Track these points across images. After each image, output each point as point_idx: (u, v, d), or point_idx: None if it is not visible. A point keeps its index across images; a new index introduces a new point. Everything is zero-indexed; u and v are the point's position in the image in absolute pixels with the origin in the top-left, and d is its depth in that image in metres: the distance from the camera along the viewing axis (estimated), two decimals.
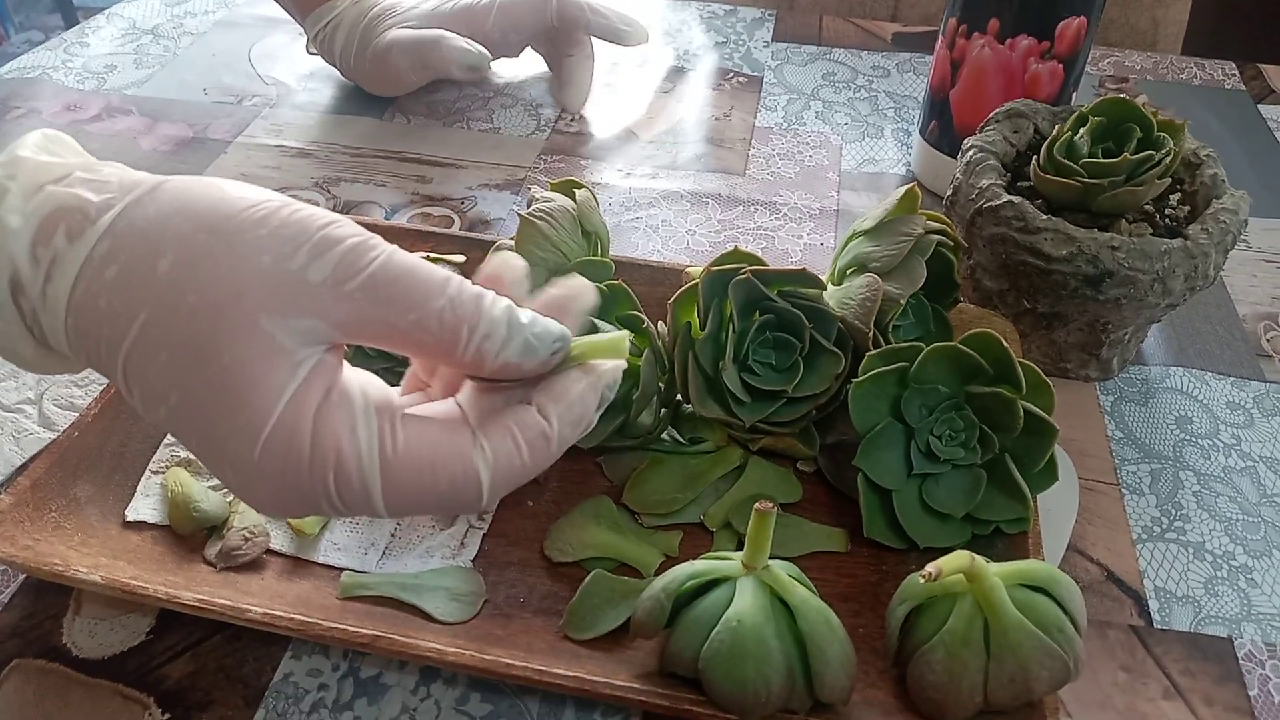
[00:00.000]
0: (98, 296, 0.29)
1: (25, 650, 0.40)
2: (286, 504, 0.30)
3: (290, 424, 0.28)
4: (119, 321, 0.29)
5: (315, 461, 0.29)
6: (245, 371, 0.28)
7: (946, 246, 0.46)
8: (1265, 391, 0.54)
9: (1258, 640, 0.42)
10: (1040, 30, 0.58)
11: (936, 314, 0.48)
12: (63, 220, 0.29)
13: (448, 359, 0.31)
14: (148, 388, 0.29)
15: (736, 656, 0.34)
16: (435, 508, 0.31)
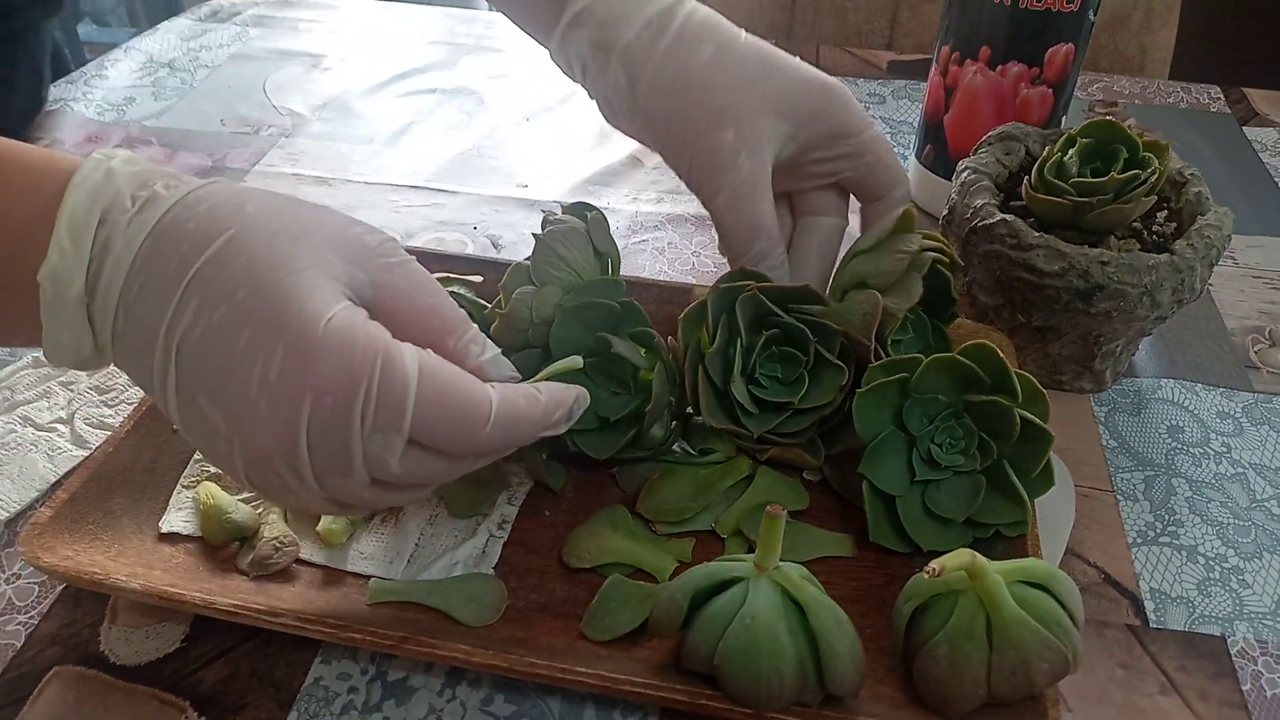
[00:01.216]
0: (186, 222, 0.33)
1: (65, 658, 0.42)
2: (331, 390, 0.32)
3: (348, 317, 0.33)
4: (201, 238, 0.33)
5: (368, 348, 0.33)
6: (313, 279, 0.33)
7: (943, 264, 0.48)
8: (1254, 401, 0.56)
9: (1250, 638, 0.44)
10: (1030, 57, 0.61)
11: (935, 328, 0.50)
12: (161, 179, 0.34)
13: (441, 345, 0.36)
14: (215, 287, 0.32)
15: (751, 652, 0.36)
16: (450, 421, 0.34)
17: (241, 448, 0.33)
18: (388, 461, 0.34)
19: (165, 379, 0.34)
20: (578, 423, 0.46)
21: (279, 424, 0.32)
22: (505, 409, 0.35)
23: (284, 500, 0.37)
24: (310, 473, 0.33)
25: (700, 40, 0.46)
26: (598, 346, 0.46)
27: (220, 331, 0.32)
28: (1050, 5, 0.59)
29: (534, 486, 0.48)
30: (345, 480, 0.34)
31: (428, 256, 0.57)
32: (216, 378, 0.33)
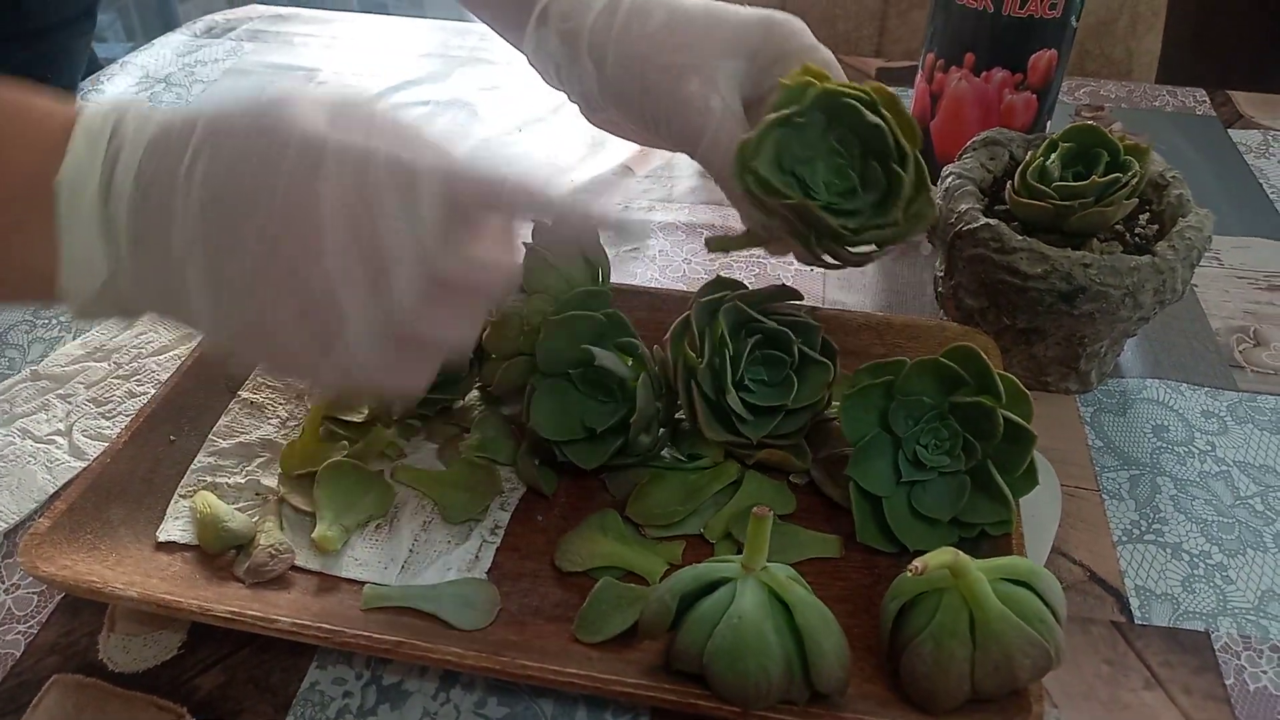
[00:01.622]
0: (204, 102, 0.34)
1: (64, 666, 0.42)
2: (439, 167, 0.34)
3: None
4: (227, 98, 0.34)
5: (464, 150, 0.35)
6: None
7: (861, 101, 0.43)
8: (1238, 400, 0.57)
9: (1233, 633, 0.45)
10: (1014, 63, 0.62)
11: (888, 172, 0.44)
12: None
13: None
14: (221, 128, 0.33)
15: (738, 651, 0.36)
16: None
17: (283, 276, 0.33)
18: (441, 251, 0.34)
19: (193, 256, 0.33)
20: (564, 434, 0.47)
21: (305, 214, 0.32)
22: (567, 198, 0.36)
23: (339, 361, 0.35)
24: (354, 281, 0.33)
25: (650, 9, 0.47)
26: (583, 358, 0.46)
27: (233, 164, 0.33)
28: (1033, 12, 0.60)
29: (526, 492, 0.48)
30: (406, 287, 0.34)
31: None
32: (246, 205, 0.32)
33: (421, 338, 0.35)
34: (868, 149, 0.44)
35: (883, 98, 0.43)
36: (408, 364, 0.36)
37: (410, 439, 0.51)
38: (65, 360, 0.56)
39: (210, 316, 0.34)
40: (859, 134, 0.43)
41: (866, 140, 0.43)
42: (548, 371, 0.48)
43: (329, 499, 0.46)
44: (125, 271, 0.34)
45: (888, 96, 0.43)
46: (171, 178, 0.33)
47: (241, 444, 0.49)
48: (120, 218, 0.33)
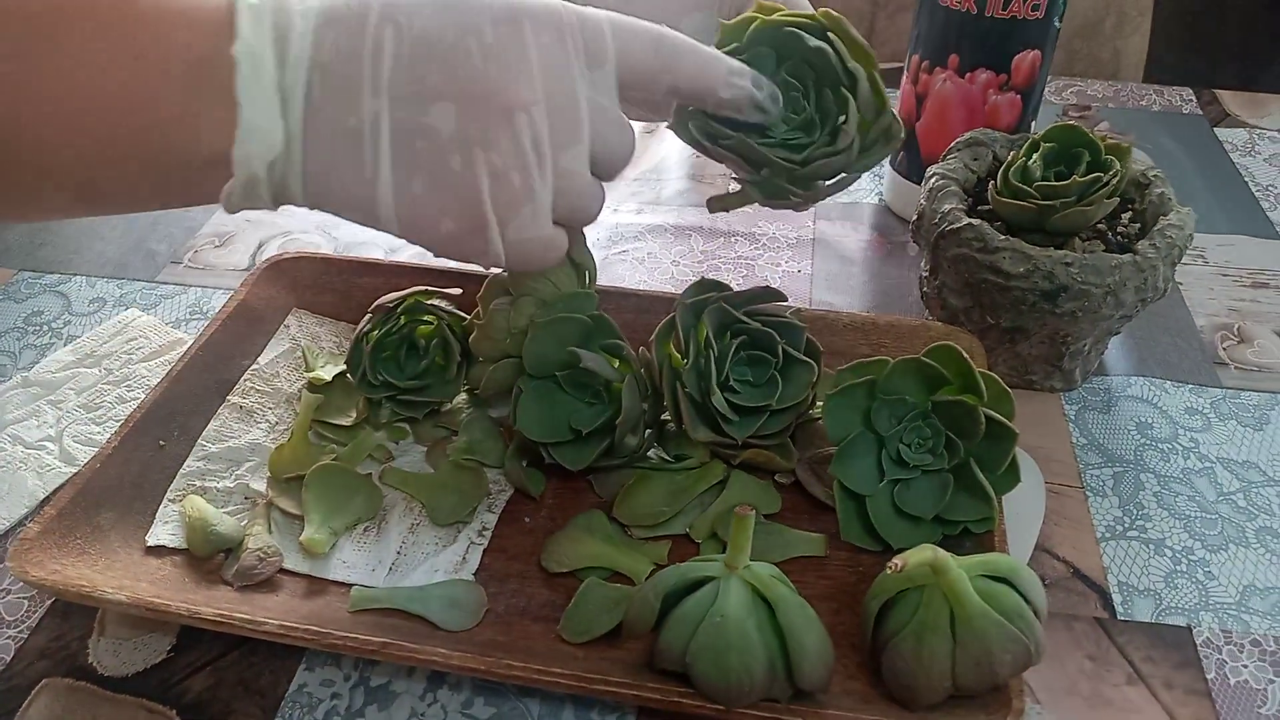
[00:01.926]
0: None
1: (54, 670, 0.43)
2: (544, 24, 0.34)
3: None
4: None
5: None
6: None
7: (804, 28, 0.41)
8: (1222, 397, 0.57)
9: (1215, 628, 0.45)
10: (998, 64, 0.62)
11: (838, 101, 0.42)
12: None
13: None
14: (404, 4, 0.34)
15: (721, 649, 0.37)
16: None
17: (480, 138, 0.34)
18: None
19: (378, 124, 0.34)
20: (551, 436, 0.47)
21: (511, 75, 0.34)
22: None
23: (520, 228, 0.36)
24: (547, 144, 0.35)
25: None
26: (569, 360, 0.47)
27: (425, 32, 0.33)
28: (1016, 13, 0.60)
29: (514, 494, 0.49)
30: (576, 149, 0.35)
31: (410, 270, 0.58)
32: (439, 69, 0.33)
33: (578, 206, 0.37)
34: (821, 78, 0.42)
35: (830, 22, 0.41)
36: (559, 236, 0.38)
37: (398, 442, 0.51)
38: (56, 367, 0.57)
39: (385, 191, 0.35)
40: (810, 63, 0.41)
41: (818, 68, 0.41)
42: (534, 374, 0.48)
43: (317, 502, 0.46)
44: (297, 145, 0.34)
45: (835, 20, 0.41)
46: (356, 46, 0.33)
47: (231, 448, 0.50)
48: (297, 89, 0.34)
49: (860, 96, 0.40)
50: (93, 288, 0.64)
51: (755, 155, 0.41)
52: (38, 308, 0.63)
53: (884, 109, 0.41)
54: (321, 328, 0.57)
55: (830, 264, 0.67)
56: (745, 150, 0.41)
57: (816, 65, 0.41)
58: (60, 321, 0.61)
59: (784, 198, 0.44)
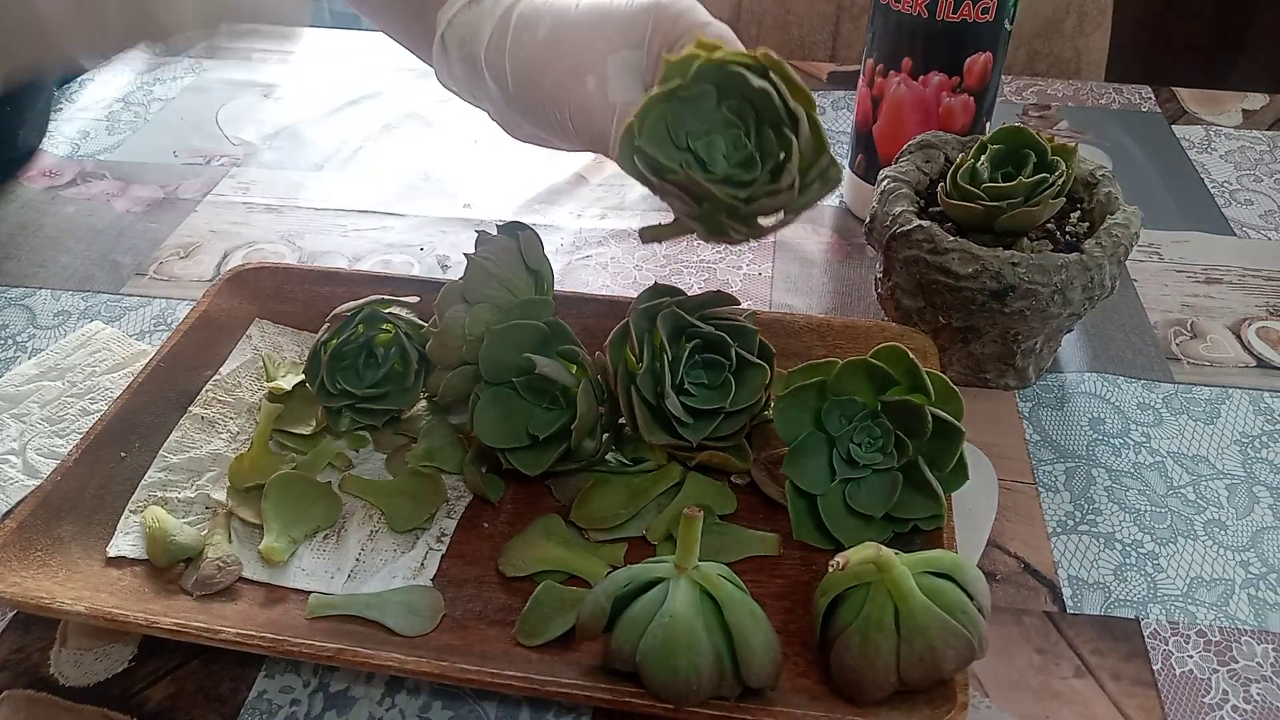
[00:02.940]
0: None
1: (14, 682, 0.43)
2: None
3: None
4: None
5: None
6: None
7: (748, 68, 0.40)
8: (1174, 392, 0.58)
9: (1162, 620, 0.46)
10: (950, 66, 0.63)
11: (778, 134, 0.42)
12: None
13: None
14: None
15: (669, 649, 0.37)
16: None
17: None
18: None
19: None
20: (509, 441, 0.48)
21: None
22: None
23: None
24: None
25: (536, 21, 0.47)
26: (526, 366, 0.47)
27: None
28: (966, 16, 0.61)
29: (472, 499, 0.49)
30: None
31: (371, 279, 0.59)
32: None
33: None
34: (762, 117, 0.42)
35: (769, 63, 0.41)
36: None
37: (358, 450, 0.52)
38: (19, 380, 0.57)
39: None
40: (751, 102, 0.42)
41: (759, 108, 0.42)
42: (491, 380, 0.48)
43: (276, 511, 0.47)
44: None
45: (775, 62, 0.41)
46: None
47: (192, 459, 0.50)
48: None
49: (801, 137, 0.41)
50: (57, 301, 0.65)
51: (700, 190, 0.42)
52: (2, 321, 0.63)
53: (824, 150, 0.42)
54: (283, 337, 0.58)
55: (791, 266, 0.68)
56: (690, 185, 0.42)
57: (759, 105, 0.41)
58: (25, 335, 0.62)
59: (723, 233, 0.44)
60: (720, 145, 0.42)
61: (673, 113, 0.42)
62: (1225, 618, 0.46)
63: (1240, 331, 0.63)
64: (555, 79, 0.46)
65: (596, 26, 0.46)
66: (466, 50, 0.48)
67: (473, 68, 0.49)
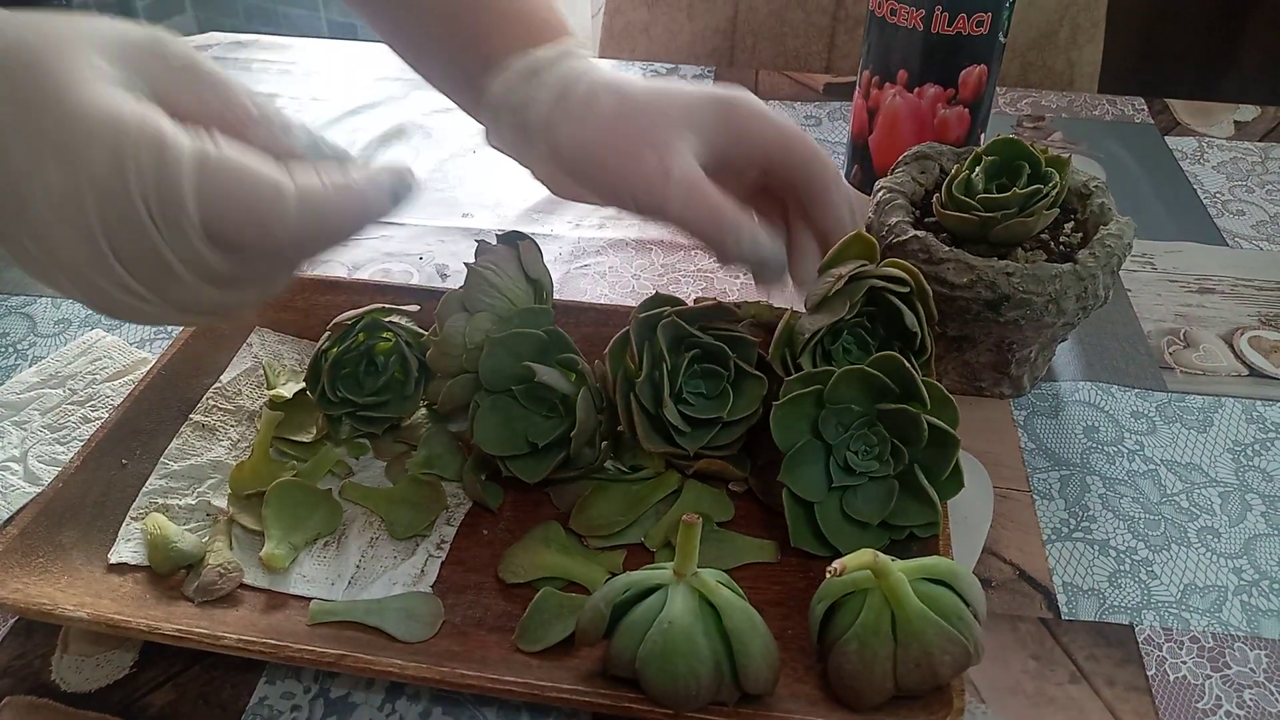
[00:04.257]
0: None
1: (16, 688, 0.43)
2: (109, 190, 0.31)
3: (117, 104, 0.32)
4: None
5: (140, 130, 0.31)
6: (78, 75, 0.32)
7: (895, 294, 0.48)
8: (1167, 400, 0.59)
9: (1156, 626, 0.46)
10: (945, 79, 0.64)
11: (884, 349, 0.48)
12: None
13: (242, 136, 0.35)
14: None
15: (668, 655, 0.38)
16: (243, 210, 0.33)
17: (64, 273, 0.33)
18: (203, 256, 0.33)
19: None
20: (508, 449, 0.48)
21: (77, 235, 0.32)
22: (309, 195, 0.33)
23: (144, 318, 0.36)
24: (136, 282, 0.33)
25: (600, 95, 0.47)
26: (525, 374, 0.48)
27: (1, 160, 0.32)
28: (961, 29, 0.61)
29: (472, 507, 0.50)
30: (178, 284, 0.33)
31: (370, 287, 0.59)
32: (12, 203, 0.32)
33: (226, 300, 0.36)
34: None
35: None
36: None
37: (358, 457, 0.52)
38: (20, 388, 0.57)
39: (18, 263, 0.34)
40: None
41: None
42: (491, 388, 0.49)
43: (277, 518, 0.47)
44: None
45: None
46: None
47: (193, 466, 0.51)
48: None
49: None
50: (58, 309, 0.65)
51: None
52: (3, 329, 0.63)
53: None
54: (284, 345, 0.58)
55: None
56: None
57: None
58: (26, 343, 0.62)
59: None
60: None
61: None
62: (1219, 624, 0.46)
63: (1233, 341, 0.63)
64: (615, 156, 0.47)
65: (661, 108, 0.47)
66: (519, 118, 0.49)
67: (524, 135, 0.49)
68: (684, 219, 0.46)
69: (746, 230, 0.45)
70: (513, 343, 0.49)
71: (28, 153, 0.31)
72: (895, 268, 0.49)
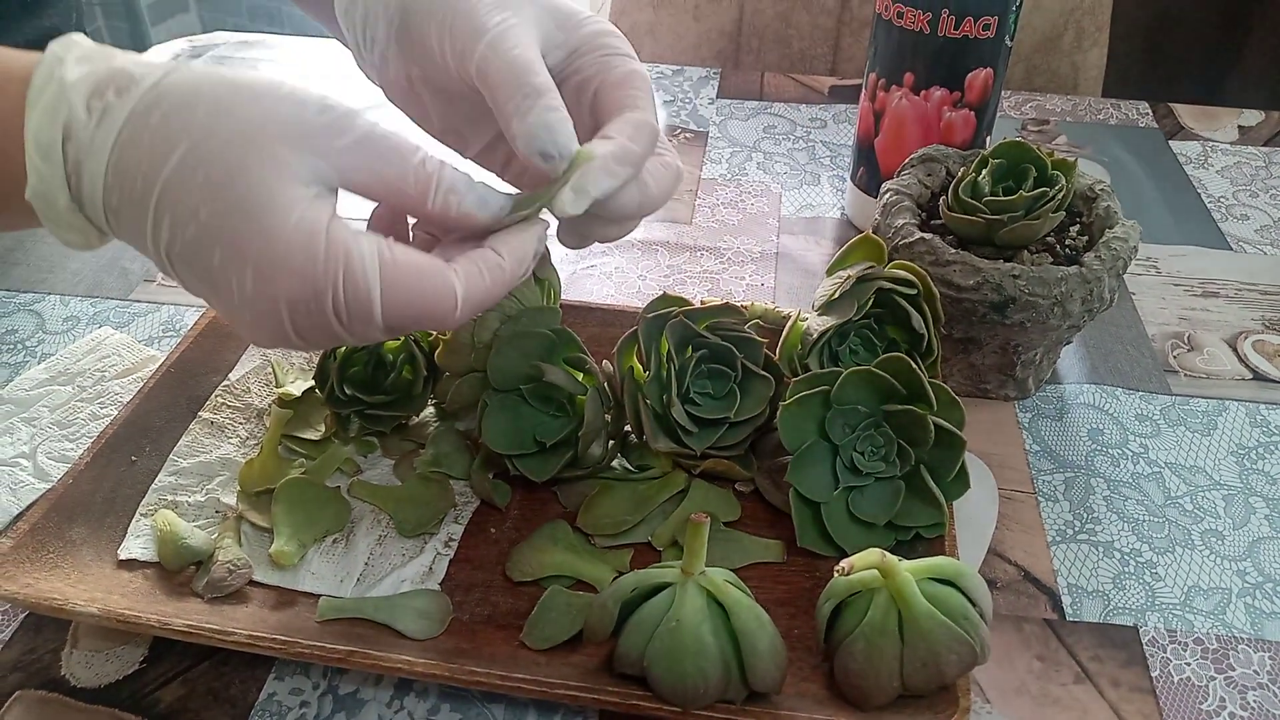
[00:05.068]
0: (141, 134, 0.34)
1: (27, 683, 0.43)
2: (301, 299, 0.35)
3: (309, 226, 0.34)
4: (158, 154, 0.34)
5: (330, 256, 0.34)
6: (269, 185, 0.34)
7: (903, 295, 0.49)
8: (1171, 403, 0.59)
9: (1160, 628, 0.47)
10: (951, 82, 0.64)
11: (890, 351, 0.49)
12: (113, 81, 0.35)
13: (420, 208, 0.37)
14: (181, 207, 0.34)
15: (676, 653, 0.38)
16: (418, 315, 0.36)
17: (241, 327, 0.37)
18: (375, 337, 0.37)
19: (170, 270, 0.36)
20: (516, 447, 0.48)
21: (267, 327, 0.36)
22: (471, 292, 0.37)
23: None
24: (309, 347, 0.38)
25: None
26: (533, 374, 0.48)
27: (196, 250, 0.35)
28: (968, 33, 0.62)
29: (480, 505, 0.50)
30: (353, 337, 0.37)
31: None
32: (205, 288, 0.36)
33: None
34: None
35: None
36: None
37: (367, 455, 0.52)
38: (30, 384, 0.57)
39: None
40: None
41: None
42: (499, 387, 0.49)
43: (286, 515, 0.47)
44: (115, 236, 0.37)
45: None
46: (138, 225, 0.35)
47: (202, 463, 0.51)
48: (98, 220, 0.36)
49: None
50: (66, 306, 0.65)
51: None
52: (11, 326, 0.63)
53: None
54: None
55: (793, 277, 0.69)
56: None
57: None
58: (34, 340, 0.62)
59: None
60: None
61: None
62: (1222, 626, 0.46)
63: (1236, 344, 0.63)
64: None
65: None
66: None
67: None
68: (486, 64, 0.41)
69: (548, 99, 0.40)
70: (521, 342, 0.49)
71: (225, 257, 0.34)
72: (903, 269, 0.49)
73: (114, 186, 0.35)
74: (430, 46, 0.44)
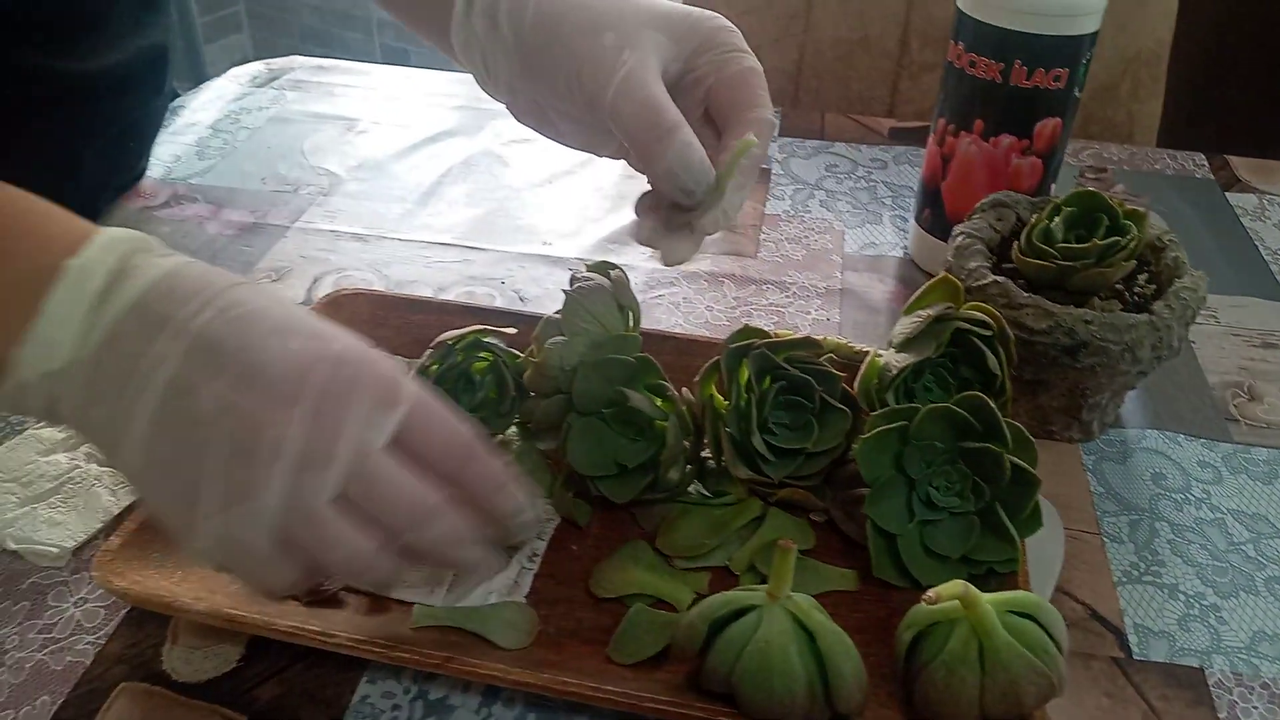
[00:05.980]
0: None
1: (131, 675, 0.45)
2: None
3: None
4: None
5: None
6: None
7: (979, 336, 0.50)
8: (1232, 452, 0.60)
9: (1226, 670, 0.47)
10: (1020, 130, 0.66)
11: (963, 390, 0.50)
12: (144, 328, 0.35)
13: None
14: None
15: (765, 673, 0.39)
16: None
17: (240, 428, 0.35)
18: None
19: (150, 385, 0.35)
20: (598, 469, 0.50)
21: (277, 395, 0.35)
22: None
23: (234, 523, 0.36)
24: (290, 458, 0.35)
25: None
26: (617, 399, 0.50)
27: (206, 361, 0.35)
28: (1039, 83, 0.64)
29: (561, 522, 0.52)
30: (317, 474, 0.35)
31: (458, 309, 0.62)
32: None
33: (308, 543, 0.36)
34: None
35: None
36: (279, 564, 0.36)
37: None
38: None
39: (134, 446, 0.35)
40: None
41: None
42: (583, 411, 0.51)
43: None
44: (81, 369, 0.35)
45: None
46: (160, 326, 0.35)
47: None
48: (103, 324, 0.35)
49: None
50: None
51: None
52: None
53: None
54: None
55: (858, 313, 0.71)
56: None
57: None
58: None
59: None
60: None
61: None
62: None
63: None
64: (575, 28, 0.45)
65: (635, 1, 0.46)
66: (489, 2, 0.48)
67: (491, 17, 0.48)
68: (618, 109, 0.44)
69: (681, 135, 0.43)
70: (605, 367, 0.51)
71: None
72: (979, 311, 0.51)
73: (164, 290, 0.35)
74: (559, 89, 0.46)
